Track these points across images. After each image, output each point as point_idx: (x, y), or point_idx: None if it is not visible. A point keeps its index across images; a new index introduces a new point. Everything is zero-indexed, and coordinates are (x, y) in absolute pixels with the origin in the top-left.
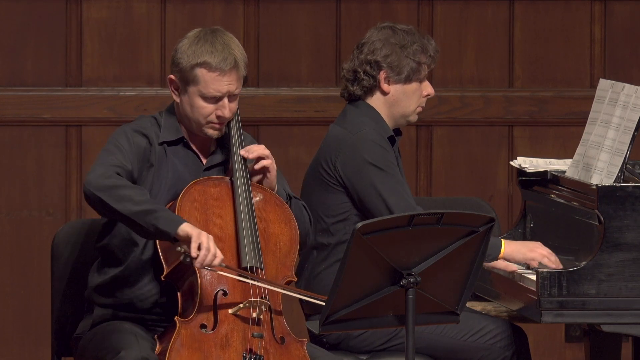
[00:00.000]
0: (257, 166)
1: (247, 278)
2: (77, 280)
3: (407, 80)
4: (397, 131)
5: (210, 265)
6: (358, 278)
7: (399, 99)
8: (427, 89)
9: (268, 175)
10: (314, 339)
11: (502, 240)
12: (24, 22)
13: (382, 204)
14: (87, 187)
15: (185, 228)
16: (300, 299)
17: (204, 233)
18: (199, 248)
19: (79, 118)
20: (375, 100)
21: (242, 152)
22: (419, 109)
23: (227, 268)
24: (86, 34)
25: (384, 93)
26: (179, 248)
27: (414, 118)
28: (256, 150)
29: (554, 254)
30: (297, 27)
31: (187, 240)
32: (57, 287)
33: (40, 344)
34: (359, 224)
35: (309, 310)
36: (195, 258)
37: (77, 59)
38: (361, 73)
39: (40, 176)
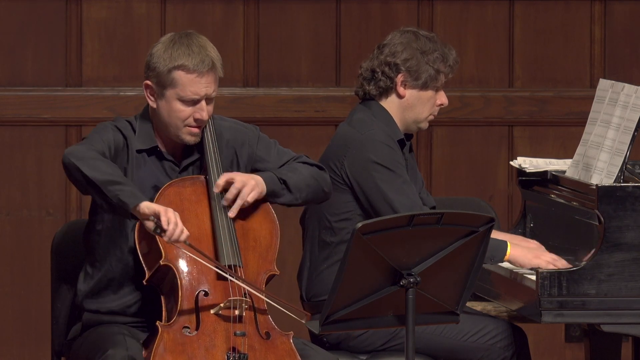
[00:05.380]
0: (226, 198)
1: (221, 270)
2: (77, 280)
3: (424, 86)
4: (408, 135)
5: (178, 240)
6: (358, 278)
7: (413, 104)
8: (442, 98)
9: (246, 198)
10: (314, 338)
11: (508, 242)
12: (24, 22)
13: (387, 202)
14: (67, 155)
15: (150, 205)
16: (301, 295)
17: (170, 209)
18: (167, 223)
19: (79, 118)
20: (389, 103)
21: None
22: (431, 117)
23: (196, 250)
24: (86, 34)
25: (399, 96)
26: (152, 217)
27: (424, 125)
28: (219, 184)
29: (560, 259)
30: (297, 27)
31: (153, 215)
32: (57, 287)
33: (40, 344)
34: (359, 224)
35: (309, 310)
36: (165, 231)
37: (77, 59)
38: (379, 73)
39: (40, 176)
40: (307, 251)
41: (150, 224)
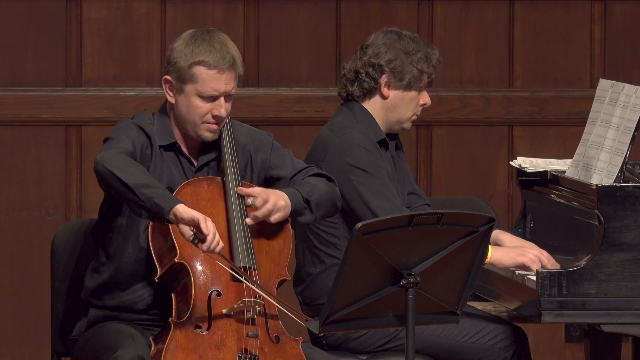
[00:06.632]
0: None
1: (241, 276)
2: (77, 280)
3: (408, 87)
4: (392, 135)
5: (214, 250)
6: (358, 278)
7: (397, 105)
8: (425, 98)
9: (271, 216)
10: (314, 340)
11: (490, 245)
12: (24, 22)
13: (365, 205)
14: (100, 162)
15: (187, 210)
16: (299, 300)
17: (207, 217)
18: (207, 232)
19: (79, 118)
20: (373, 104)
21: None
22: (414, 117)
23: (228, 261)
24: (86, 34)
25: (383, 97)
26: (191, 227)
27: (407, 125)
28: (258, 210)
29: (545, 254)
30: (297, 27)
31: (192, 223)
32: (57, 287)
33: (40, 344)
34: (359, 224)
35: (309, 312)
36: (204, 241)
37: (77, 59)
38: (363, 74)
39: (40, 176)
40: (299, 257)
41: (188, 232)
